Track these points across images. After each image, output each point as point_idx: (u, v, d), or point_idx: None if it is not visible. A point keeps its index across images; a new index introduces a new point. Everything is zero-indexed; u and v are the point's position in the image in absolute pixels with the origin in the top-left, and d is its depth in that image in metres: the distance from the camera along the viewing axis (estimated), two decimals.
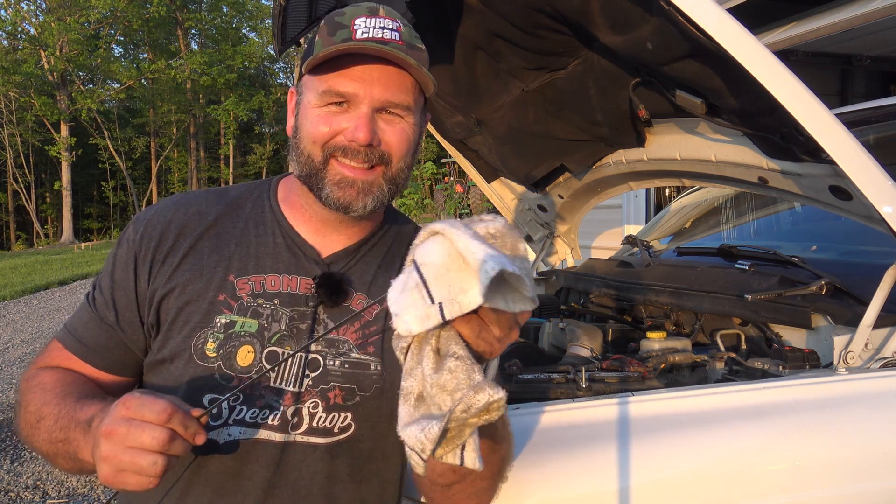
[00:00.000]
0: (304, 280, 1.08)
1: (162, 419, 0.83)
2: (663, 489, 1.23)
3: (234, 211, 1.12)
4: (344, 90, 1.01)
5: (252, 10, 41.52)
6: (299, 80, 1.09)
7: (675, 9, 1.35)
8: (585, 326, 1.95)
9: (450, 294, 0.72)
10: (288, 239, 1.10)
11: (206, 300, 1.05)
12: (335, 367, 1.05)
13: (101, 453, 0.84)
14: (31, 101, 31.17)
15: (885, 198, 1.40)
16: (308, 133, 1.04)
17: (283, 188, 1.16)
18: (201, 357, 1.03)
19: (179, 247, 1.08)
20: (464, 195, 12.95)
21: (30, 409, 1.04)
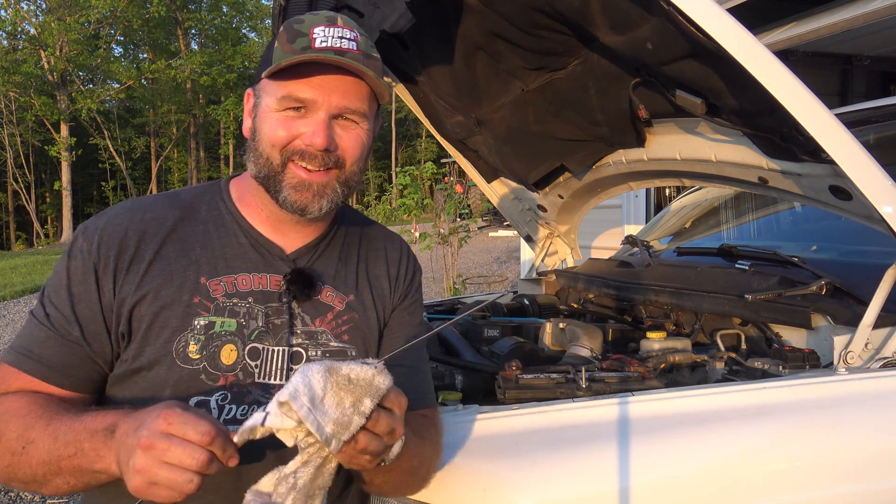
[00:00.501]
0: (273, 277, 1.12)
1: (205, 441, 0.84)
2: (663, 489, 1.23)
3: (191, 215, 1.14)
4: (303, 96, 1.06)
5: (252, 10, 41.52)
6: (257, 83, 1.12)
7: (675, 9, 1.35)
8: (585, 326, 1.95)
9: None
10: (251, 238, 1.14)
11: (182, 304, 1.07)
12: (317, 356, 1.11)
13: (137, 465, 0.85)
14: (31, 101, 31.16)
15: (885, 198, 1.40)
16: (267, 136, 1.08)
17: (235, 189, 1.19)
18: (184, 360, 1.05)
19: (143, 253, 1.09)
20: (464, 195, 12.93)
21: (7, 437, 0.99)
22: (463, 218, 12.69)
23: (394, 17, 1.92)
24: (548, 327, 2.09)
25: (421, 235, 8.90)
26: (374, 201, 11.00)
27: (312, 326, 1.12)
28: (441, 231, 8.88)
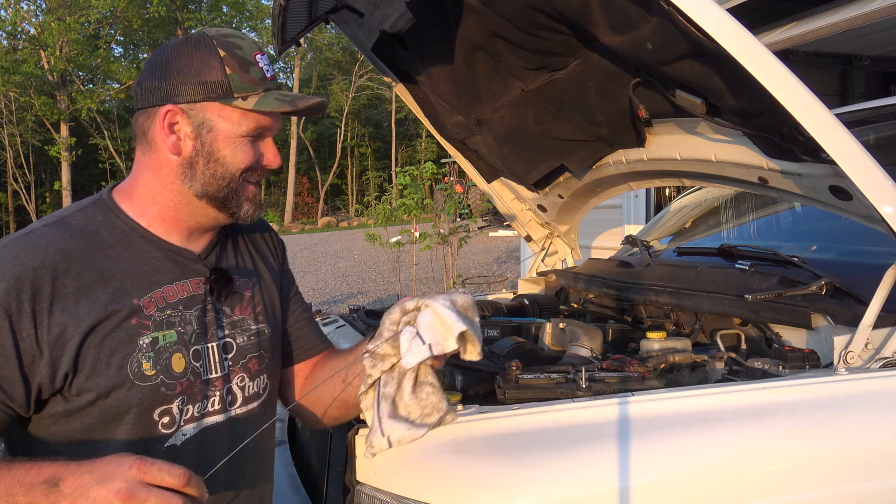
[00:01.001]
0: (193, 281, 1.19)
1: (181, 483, 0.90)
2: (663, 489, 1.22)
3: (93, 240, 1.13)
4: (267, 125, 1.17)
5: (252, 10, 41.52)
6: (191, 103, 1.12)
7: (675, 9, 1.35)
8: (585, 326, 1.95)
9: (436, 340, 1.10)
10: (163, 250, 1.17)
11: (123, 329, 1.09)
12: (244, 341, 1.23)
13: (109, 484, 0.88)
14: (31, 101, 31.16)
15: (885, 198, 1.40)
16: (232, 160, 1.15)
17: (128, 206, 1.18)
18: (142, 379, 1.09)
19: (62, 290, 1.07)
20: (464, 195, 12.94)
21: None
22: (463, 218, 12.70)
23: (394, 17, 1.92)
24: (548, 327, 2.09)
25: (421, 235, 8.90)
26: (374, 201, 11.00)
27: (234, 316, 1.23)
28: (441, 231, 8.88)
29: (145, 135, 1.16)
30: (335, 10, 2.08)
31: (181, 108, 1.12)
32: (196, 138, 1.13)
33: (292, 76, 41.44)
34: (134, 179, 1.19)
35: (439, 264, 9.33)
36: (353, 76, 40.25)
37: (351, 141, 42.73)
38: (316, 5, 2.05)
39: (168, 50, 1.14)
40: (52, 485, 0.92)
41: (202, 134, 1.13)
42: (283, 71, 45.11)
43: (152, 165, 1.16)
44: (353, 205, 40.72)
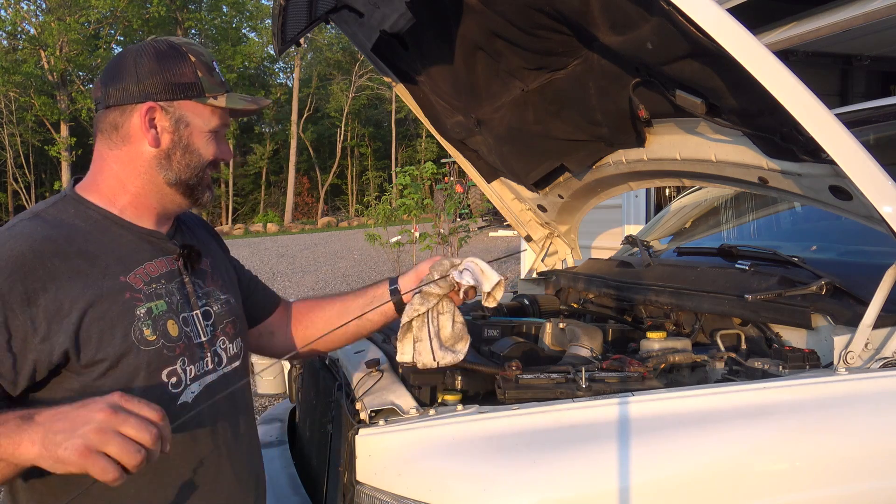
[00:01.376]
0: (168, 258, 1.30)
1: (158, 417, 0.97)
2: (663, 489, 1.23)
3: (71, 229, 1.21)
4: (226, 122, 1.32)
5: (252, 10, 41.52)
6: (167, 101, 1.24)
7: (675, 9, 1.35)
8: (585, 326, 1.95)
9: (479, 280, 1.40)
10: (135, 233, 1.28)
11: (119, 303, 1.18)
12: (219, 309, 1.36)
13: (90, 429, 0.93)
14: (31, 101, 31.16)
15: (885, 198, 1.40)
16: (203, 152, 1.29)
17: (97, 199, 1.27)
18: (146, 344, 1.19)
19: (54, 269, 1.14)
20: (464, 195, 12.96)
21: None
22: (463, 218, 12.69)
23: (394, 17, 1.92)
24: (548, 327, 2.09)
25: (421, 235, 8.90)
26: (374, 201, 11.03)
27: (206, 287, 1.36)
28: (441, 231, 8.88)
29: (117, 130, 1.24)
30: (335, 10, 2.08)
31: (160, 105, 1.23)
32: (174, 132, 1.26)
33: (292, 76, 41.44)
34: (98, 173, 1.27)
35: None
36: (353, 76, 40.25)
37: (351, 141, 42.73)
38: (316, 5, 2.05)
39: (137, 54, 1.24)
40: (24, 419, 0.98)
41: (180, 128, 1.26)
42: (283, 71, 45.14)
43: (122, 158, 1.25)
44: (353, 205, 40.72)
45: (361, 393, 1.47)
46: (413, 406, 1.38)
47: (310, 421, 2.08)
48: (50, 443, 0.94)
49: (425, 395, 1.50)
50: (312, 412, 2.06)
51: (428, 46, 2.22)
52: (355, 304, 1.54)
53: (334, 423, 1.75)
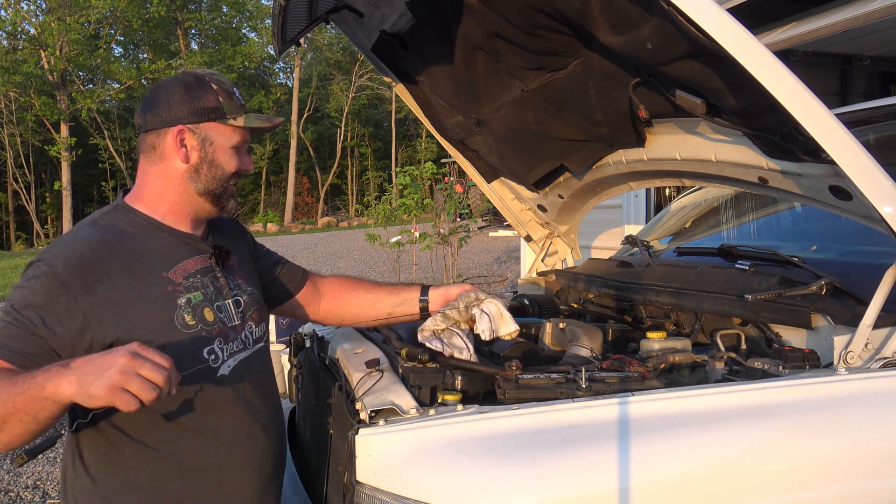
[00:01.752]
0: (202, 256, 1.54)
1: (168, 365, 1.19)
2: (663, 489, 1.23)
3: (121, 233, 1.46)
4: (246, 139, 1.56)
5: (252, 10, 41.50)
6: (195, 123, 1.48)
7: (675, 9, 1.35)
8: (585, 326, 1.95)
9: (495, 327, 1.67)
10: (174, 236, 1.52)
11: (163, 294, 1.43)
12: (247, 299, 1.61)
13: (115, 371, 1.14)
14: (31, 101, 31.14)
15: (885, 198, 1.40)
16: (227, 165, 1.53)
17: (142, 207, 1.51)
18: (187, 328, 1.43)
19: (108, 267, 1.38)
20: (464, 195, 12.96)
21: None
22: (463, 218, 12.69)
23: (394, 17, 1.92)
24: (548, 327, 2.09)
25: (421, 235, 8.90)
26: (374, 201, 11.05)
27: (236, 280, 1.60)
28: (441, 231, 8.88)
29: (154, 150, 1.49)
30: (335, 10, 2.08)
31: (188, 127, 1.48)
32: (201, 149, 1.49)
33: (292, 76, 41.43)
34: (142, 186, 1.52)
35: (439, 264, 9.34)
36: (353, 76, 40.23)
37: (351, 141, 42.72)
38: (316, 5, 2.05)
39: (169, 86, 1.50)
40: (63, 366, 1.18)
41: (205, 146, 1.50)
42: (283, 71, 45.14)
43: (160, 173, 1.50)
44: (353, 205, 40.71)
45: (361, 393, 1.47)
46: (413, 406, 1.38)
47: (310, 421, 2.08)
48: (84, 382, 1.14)
49: (425, 395, 1.50)
50: (312, 412, 2.06)
51: (428, 46, 2.22)
52: (387, 301, 1.84)
53: (334, 423, 1.75)
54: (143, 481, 1.41)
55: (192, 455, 1.43)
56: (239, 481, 1.50)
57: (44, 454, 4.68)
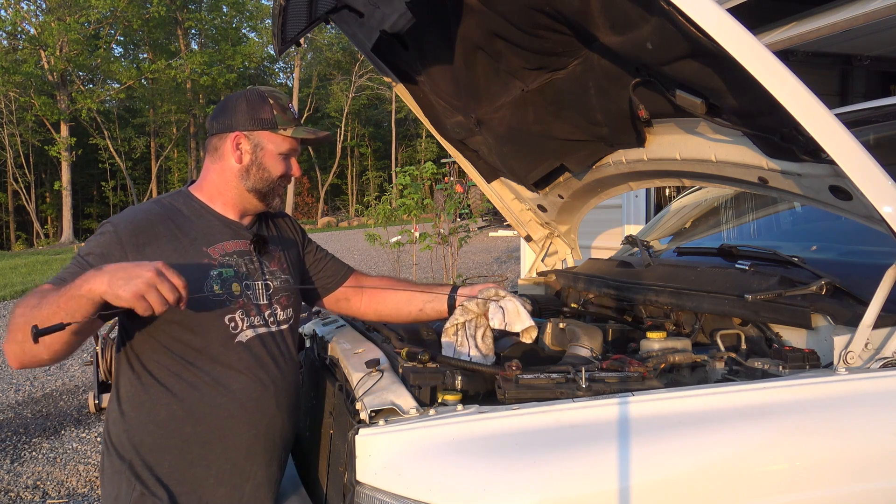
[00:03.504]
0: (243, 241, 1.79)
1: (182, 286, 1.41)
2: (663, 489, 1.23)
3: (176, 211, 1.75)
4: (295, 148, 1.81)
5: (252, 10, 41.50)
6: (250, 131, 1.75)
7: (675, 9, 1.35)
8: (585, 326, 1.95)
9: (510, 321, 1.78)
10: (222, 221, 1.79)
11: (199, 265, 1.67)
12: (277, 284, 1.82)
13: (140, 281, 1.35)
14: (31, 101, 31.15)
15: (885, 198, 1.40)
16: (275, 169, 1.78)
17: (199, 194, 1.80)
18: (214, 295, 1.66)
19: (157, 235, 1.66)
20: (464, 195, 12.96)
21: (29, 301, 1.45)
22: (463, 218, 12.69)
23: (394, 17, 1.92)
24: (548, 327, 2.09)
25: (421, 235, 8.90)
26: (374, 201, 11.04)
27: (271, 267, 1.83)
28: (441, 231, 8.88)
29: (216, 150, 1.78)
30: (335, 10, 2.08)
31: (244, 133, 1.75)
32: (252, 153, 1.76)
33: (292, 76, 41.42)
34: (203, 179, 1.81)
35: (439, 264, 9.34)
36: (353, 76, 40.23)
37: (351, 141, 42.72)
38: (316, 5, 2.05)
39: (234, 99, 1.78)
40: (97, 270, 1.39)
41: (257, 151, 1.76)
42: (283, 71, 45.14)
43: (219, 170, 1.78)
44: (353, 205, 40.72)
45: (361, 393, 1.47)
46: (413, 406, 1.38)
47: (310, 421, 2.08)
48: (114, 284, 1.35)
49: (425, 395, 1.49)
50: (312, 412, 2.06)
51: (428, 46, 2.22)
52: (420, 298, 2.03)
53: (334, 423, 1.75)
54: (162, 420, 1.63)
55: (204, 405, 1.64)
56: (242, 437, 1.67)
57: (44, 455, 4.68)
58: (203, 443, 1.65)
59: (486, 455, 1.24)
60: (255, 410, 1.69)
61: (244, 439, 1.68)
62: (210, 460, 1.65)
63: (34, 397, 6.20)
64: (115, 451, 1.67)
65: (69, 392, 6.32)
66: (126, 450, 1.65)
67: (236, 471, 1.68)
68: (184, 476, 1.64)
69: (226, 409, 1.65)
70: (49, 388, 6.50)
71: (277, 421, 1.74)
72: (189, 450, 1.64)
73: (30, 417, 5.60)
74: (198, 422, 1.64)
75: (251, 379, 1.69)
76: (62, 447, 4.84)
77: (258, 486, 1.72)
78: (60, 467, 4.48)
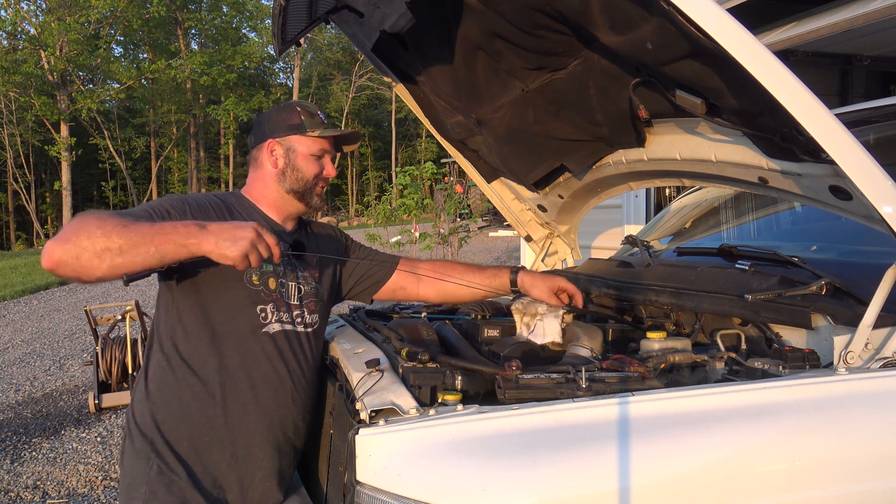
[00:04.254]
0: (282, 243, 1.73)
1: (273, 242, 1.56)
2: (663, 489, 1.23)
3: (227, 203, 1.89)
4: (326, 148, 1.94)
5: (252, 10, 41.49)
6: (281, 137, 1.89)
7: (675, 9, 1.35)
8: (585, 326, 1.95)
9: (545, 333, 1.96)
10: (267, 221, 1.91)
11: None
12: (308, 289, 1.92)
13: (245, 242, 1.50)
14: (31, 101, 31.15)
15: (885, 198, 1.40)
16: (310, 170, 1.91)
17: (251, 197, 1.94)
18: (252, 284, 1.79)
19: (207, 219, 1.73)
20: (464, 195, 12.96)
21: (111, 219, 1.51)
22: (463, 218, 12.69)
23: (394, 17, 1.92)
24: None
25: (421, 235, 8.90)
26: (374, 201, 11.05)
27: (304, 273, 1.93)
28: (441, 231, 8.88)
29: (256, 160, 1.93)
30: (335, 10, 2.08)
31: (277, 140, 1.89)
32: (285, 157, 1.90)
33: (292, 76, 41.42)
34: (250, 185, 1.96)
35: None
36: (353, 76, 40.23)
37: None
38: (316, 5, 2.05)
39: (266, 113, 1.95)
40: (200, 227, 1.52)
41: (289, 154, 1.89)
42: (283, 71, 45.14)
43: (260, 177, 1.92)
44: (353, 205, 40.70)
45: (362, 393, 1.47)
46: (413, 406, 1.38)
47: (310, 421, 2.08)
48: (220, 245, 1.49)
49: (425, 395, 1.50)
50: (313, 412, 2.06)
51: (428, 46, 2.22)
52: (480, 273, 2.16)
53: (334, 423, 1.75)
54: (186, 400, 1.72)
55: (227, 389, 1.73)
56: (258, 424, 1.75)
57: (44, 455, 4.68)
58: (221, 426, 1.72)
59: (486, 455, 1.24)
60: (271, 400, 1.76)
61: (259, 426, 1.75)
62: (225, 444, 1.73)
63: (34, 397, 6.20)
64: (137, 430, 1.74)
65: (69, 392, 6.32)
66: (148, 428, 1.73)
67: (249, 457, 1.74)
68: (199, 457, 1.72)
69: (243, 396, 1.74)
70: (49, 388, 6.50)
71: (290, 415, 1.80)
72: (208, 432, 1.72)
73: (30, 417, 5.60)
74: (219, 404, 1.72)
75: (272, 369, 1.77)
76: (62, 447, 4.84)
77: (268, 476, 1.77)
78: (60, 467, 4.48)
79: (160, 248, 1.48)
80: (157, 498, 1.67)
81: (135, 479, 1.70)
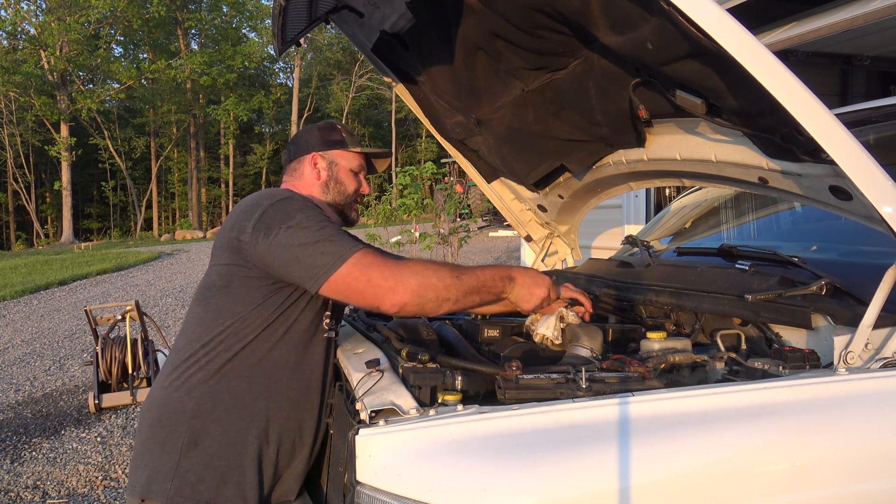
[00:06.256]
0: None
1: (554, 296, 1.90)
2: (663, 489, 1.23)
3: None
4: (363, 165, 2.08)
5: (252, 10, 41.50)
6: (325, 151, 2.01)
7: (675, 9, 1.35)
8: (585, 326, 1.95)
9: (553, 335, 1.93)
10: None
11: None
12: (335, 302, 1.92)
13: (542, 294, 1.84)
14: (31, 101, 31.17)
15: (885, 198, 1.40)
16: (350, 184, 2.03)
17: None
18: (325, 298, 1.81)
19: None
20: (464, 195, 12.97)
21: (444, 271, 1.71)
22: (463, 218, 12.69)
23: (394, 17, 1.92)
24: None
25: (421, 235, 8.90)
26: (374, 201, 11.05)
27: None
28: (441, 231, 8.88)
29: (295, 171, 2.02)
30: (335, 10, 2.08)
31: (320, 154, 2.01)
32: (328, 170, 2.01)
33: (292, 76, 41.42)
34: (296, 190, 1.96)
35: None
36: (353, 76, 40.24)
37: None
38: (316, 5, 2.05)
39: (307, 129, 2.06)
40: (510, 279, 1.81)
41: (332, 167, 2.01)
42: (283, 71, 45.15)
43: (304, 185, 2.00)
44: None
45: (361, 393, 1.47)
46: (413, 406, 1.38)
47: None
48: (521, 297, 1.83)
49: (425, 395, 1.49)
50: None
51: (428, 46, 2.22)
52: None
53: (334, 423, 1.75)
54: (241, 391, 1.75)
55: (278, 383, 1.79)
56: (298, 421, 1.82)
57: (44, 455, 4.69)
58: (269, 419, 1.77)
59: (486, 455, 1.24)
60: (317, 400, 1.85)
61: (295, 423, 1.81)
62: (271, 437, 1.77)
63: (34, 397, 6.20)
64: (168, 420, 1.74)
65: (69, 392, 6.32)
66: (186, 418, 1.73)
67: (282, 453, 1.79)
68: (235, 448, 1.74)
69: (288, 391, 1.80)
70: (49, 388, 6.50)
71: (314, 418, 1.86)
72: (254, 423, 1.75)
73: (30, 417, 5.60)
74: (269, 398, 1.77)
75: (317, 373, 1.85)
76: (62, 447, 4.84)
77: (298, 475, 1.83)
78: (60, 467, 4.48)
79: (483, 298, 1.77)
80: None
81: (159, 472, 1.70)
